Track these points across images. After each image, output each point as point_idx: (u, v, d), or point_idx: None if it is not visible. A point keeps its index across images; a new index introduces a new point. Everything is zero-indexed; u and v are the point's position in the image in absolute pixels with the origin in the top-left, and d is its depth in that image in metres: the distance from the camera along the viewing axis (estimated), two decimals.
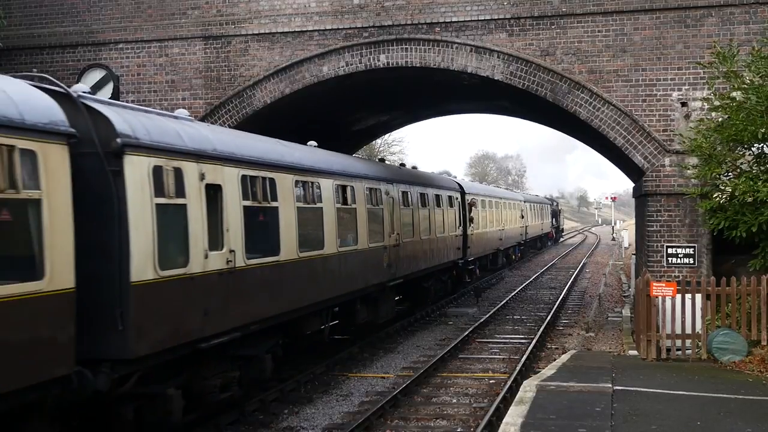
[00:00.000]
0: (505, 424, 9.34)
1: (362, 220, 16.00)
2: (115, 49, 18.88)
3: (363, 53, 17.81)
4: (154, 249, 8.90)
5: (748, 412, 9.92)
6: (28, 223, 7.29)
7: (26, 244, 7.34)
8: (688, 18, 16.18)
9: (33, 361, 7.33)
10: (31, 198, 7.26)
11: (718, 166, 15.09)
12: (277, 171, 12.26)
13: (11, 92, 7.41)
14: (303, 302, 13.07)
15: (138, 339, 8.59)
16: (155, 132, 9.44)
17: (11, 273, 6.99)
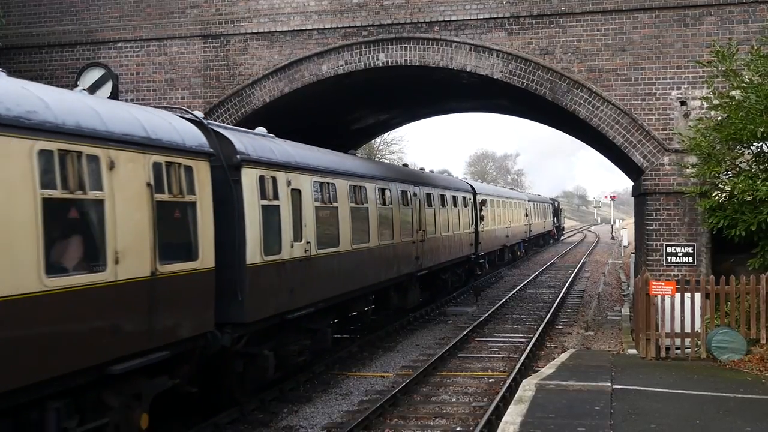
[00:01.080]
0: (504, 423, 9.34)
1: (396, 218, 18.67)
2: (114, 48, 18.88)
3: (362, 52, 17.81)
4: (261, 239, 11.50)
5: (747, 410, 9.93)
6: (188, 219, 9.84)
7: (188, 235, 9.86)
8: (687, 17, 16.18)
9: (194, 318, 9.84)
10: (191, 201, 9.85)
11: (717, 165, 15.09)
12: (336, 177, 14.92)
13: (175, 124, 10.00)
14: (354, 286, 15.65)
15: (250, 308, 11.10)
16: (259, 149, 12.06)
17: (180, 255, 9.63)
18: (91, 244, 8.12)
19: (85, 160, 7.93)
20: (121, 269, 8.38)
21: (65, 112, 7.91)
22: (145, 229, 8.84)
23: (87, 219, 8.11)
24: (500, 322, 21.94)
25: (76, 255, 7.98)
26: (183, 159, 9.67)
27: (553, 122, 24.63)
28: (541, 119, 25.57)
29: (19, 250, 7.00)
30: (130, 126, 8.87)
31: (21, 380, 7.02)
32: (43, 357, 7.34)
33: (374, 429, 11.51)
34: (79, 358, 7.80)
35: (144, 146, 8.97)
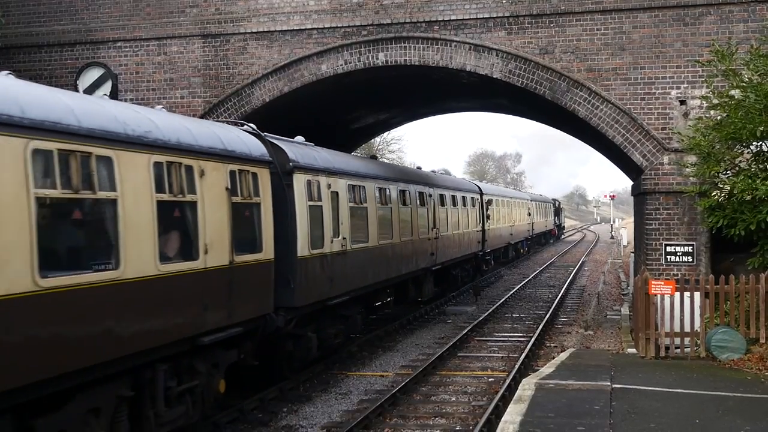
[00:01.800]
0: (504, 422, 9.35)
1: (415, 217, 20.49)
2: (114, 47, 18.88)
3: (362, 51, 17.81)
4: (308, 235, 13.23)
5: (747, 410, 9.94)
6: (254, 218, 11.54)
7: (254, 231, 11.53)
8: (686, 16, 16.19)
9: (259, 301, 11.56)
10: (256, 202, 11.56)
11: (716, 165, 15.09)
12: (366, 180, 16.68)
13: (242, 137, 11.74)
14: (380, 278, 17.39)
15: (299, 294, 12.87)
16: (305, 157, 13.78)
17: (249, 248, 11.26)
18: (188, 237, 9.85)
19: (183, 170, 9.67)
20: (209, 258, 10.10)
21: (170, 131, 9.58)
22: (225, 225, 10.55)
23: (185, 217, 9.85)
24: (500, 321, 21.94)
25: (178, 246, 9.68)
26: (250, 167, 11.48)
27: (553, 122, 24.63)
28: (541, 119, 25.58)
29: (144, 244, 8.74)
30: (212, 140, 10.59)
31: (140, 346, 8.70)
32: (154, 328, 8.96)
33: (374, 428, 11.51)
34: (179, 330, 9.49)
35: (223, 157, 10.70)
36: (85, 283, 7.81)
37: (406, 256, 19.55)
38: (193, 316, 9.74)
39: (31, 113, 7.30)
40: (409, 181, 20.75)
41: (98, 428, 8.20)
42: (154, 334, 8.95)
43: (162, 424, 9.31)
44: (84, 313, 7.80)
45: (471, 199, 29.08)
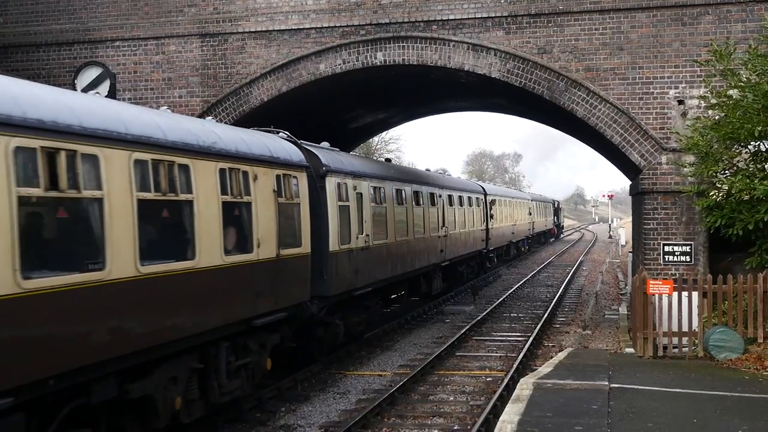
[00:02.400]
0: (501, 421, 9.35)
1: (427, 216, 22.02)
2: (112, 46, 18.86)
3: (360, 51, 17.80)
4: (338, 232, 14.67)
5: (745, 409, 9.94)
6: (295, 216, 12.88)
7: (295, 228, 12.84)
8: (685, 16, 16.19)
9: (298, 290, 12.88)
10: (297, 203, 12.92)
11: (714, 164, 15.11)
12: (385, 182, 18.23)
13: (284, 146, 13.15)
14: (396, 272, 18.89)
15: (331, 285, 14.31)
16: (335, 162, 15.19)
17: (291, 243, 12.58)
18: (245, 233, 11.16)
19: (241, 175, 11.07)
20: (261, 251, 11.47)
21: (230, 142, 11.01)
22: (273, 223, 11.91)
23: (243, 216, 11.19)
24: (498, 321, 21.94)
25: (237, 241, 10.91)
26: (292, 171, 12.88)
27: (552, 121, 24.63)
28: (540, 118, 25.58)
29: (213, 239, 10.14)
30: (262, 149, 12.02)
31: (208, 325, 10.04)
32: (219, 310, 10.36)
33: (372, 428, 11.51)
34: (238, 313, 10.85)
35: (271, 163, 12.07)
36: (171, 271, 9.28)
37: (419, 252, 21.14)
38: (248, 301, 11.20)
39: (133, 130, 8.78)
40: (422, 182, 22.33)
41: (176, 393, 9.60)
42: (219, 316, 10.37)
43: (223, 394, 10.74)
44: (171, 295, 9.29)
45: (476, 199, 30.70)
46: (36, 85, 8.34)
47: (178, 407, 9.63)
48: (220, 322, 10.38)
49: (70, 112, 7.87)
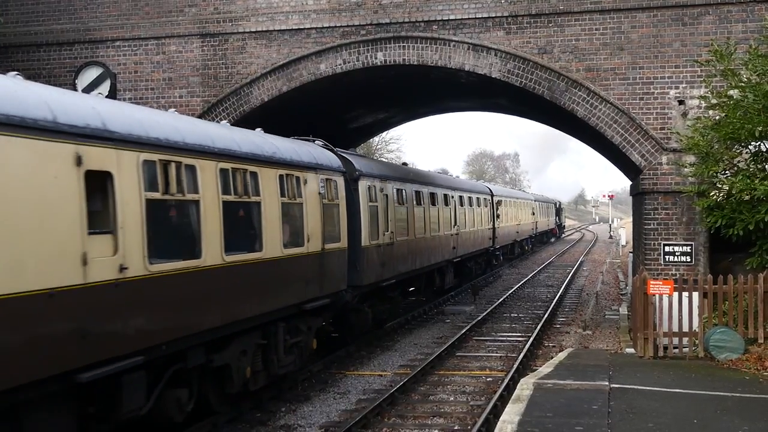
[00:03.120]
0: (502, 422, 9.35)
1: (442, 215, 24.04)
2: (112, 46, 18.86)
3: (360, 51, 17.80)
4: (368, 229, 16.48)
5: (745, 410, 9.94)
6: (335, 215, 14.59)
7: (335, 225, 14.56)
8: (685, 16, 16.19)
9: (337, 280, 14.58)
10: (336, 203, 14.66)
11: (715, 164, 15.10)
12: (406, 184, 20.18)
13: (325, 153, 14.84)
14: (416, 266, 20.75)
15: (363, 276, 16.09)
16: (366, 166, 17.23)
17: (333, 238, 14.30)
18: (297, 230, 12.86)
19: (295, 180, 12.83)
20: (310, 245, 13.25)
21: (286, 152, 12.85)
22: (318, 221, 13.64)
23: (296, 215, 12.89)
24: (498, 321, 21.94)
25: (291, 236, 12.59)
26: (332, 175, 14.57)
27: (552, 122, 24.63)
28: (540, 118, 25.58)
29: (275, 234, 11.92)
30: (309, 157, 13.76)
31: (271, 307, 11.82)
32: (279, 294, 12.16)
33: (372, 428, 11.50)
34: (292, 297, 12.60)
35: (316, 169, 13.82)
36: (246, 260, 11.08)
37: (435, 248, 22.99)
38: (300, 287, 12.98)
39: (218, 144, 10.56)
40: (437, 185, 24.25)
41: (246, 364, 11.40)
42: (278, 299, 12.08)
43: (281, 367, 12.56)
44: (245, 280, 11.00)
45: (484, 200, 32.76)
46: (152, 111, 10.54)
47: (248, 375, 11.49)
48: (279, 305, 12.15)
49: (176, 132, 9.69)
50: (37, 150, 7.33)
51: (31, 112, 7.30)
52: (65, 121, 7.71)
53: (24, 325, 7.06)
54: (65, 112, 7.80)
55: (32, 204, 7.25)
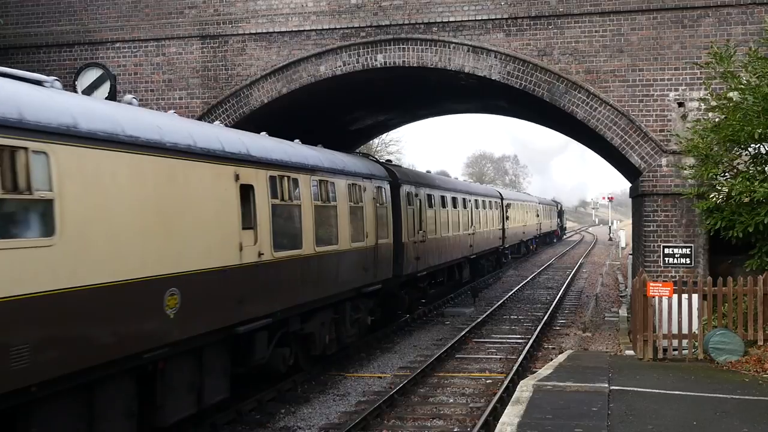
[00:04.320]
0: (501, 423, 9.34)
1: (461, 217, 27.49)
2: (112, 48, 18.86)
3: (360, 53, 17.80)
4: (408, 228, 19.59)
5: (745, 412, 9.93)
6: (384, 216, 17.66)
7: (385, 224, 17.70)
8: (685, 18, 16.20)
9: (385, 269, 17.70)
10: (386, 206, 17.83)
11: (714, 167, 15.10)
12: (434, 189, 23.56)
13: (377, 166, 18.45)
14: (442, 261, 24.13)
15: (403, 267, 19.14)
16: (405, 175, 20.82)
17: (382, 235, 17.30)
18: (359, 228, 15.87)
19: (357, 188, 15.94)
20: (368, 241, 16.39)
21: (351, 166, 16.04)
22: (373, 220, 16.76)
23: (358, 216, 15.91)
24: (498, 323, 21.94)
25: (355, 233, 15.59)
26: (381, 183, 17.85)
27: (552, 124, 24.63)
28: (540, 121, 25.57)
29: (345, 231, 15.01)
30: (365, 168, 17.16)
31: (341, 288, 14.91)
32: (347, 278, 15.23)
33: (372, 430, 11.50)
34: (355, 281, 15.72)
35: (371, 178, 17.04)
36: (328, 251, 14.08)
37: (456, 246, 26.35)
38: (361, 274, 16.02)
39: (311, 161, 13.79)
40: (457, 190, 27.67)
41: (325, 333, 14.53)
42: (347, 282, 15.19)
43: (348, 337, 15.79)
44: (327, 267, 14.08)
45: (495, 203, 36.34)
46: (272, 139, 13.31)
47: (327, 342, 14.55)
48: (347, 287, 15.26)
49: (285, 154, 12.92)
50: (214, 171, 10.47)
51: (212, 145, 10.53)
52: (229, 150, 10.93)
53: (209, 291, 10.12)
54: (229, 144, 11.04)
55: (214, 208, 10.34)
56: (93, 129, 8.21)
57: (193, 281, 9.64)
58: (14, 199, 7.11)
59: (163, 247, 9.15)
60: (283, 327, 12.57)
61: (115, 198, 8.45)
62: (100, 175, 8.27)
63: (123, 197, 8.57)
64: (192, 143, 9.99)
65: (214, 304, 10.16)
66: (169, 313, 9.19)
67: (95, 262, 8.05)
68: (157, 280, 9.01)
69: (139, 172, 8.90)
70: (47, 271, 7.40)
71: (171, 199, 9.42)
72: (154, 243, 9.01)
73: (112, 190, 8.42)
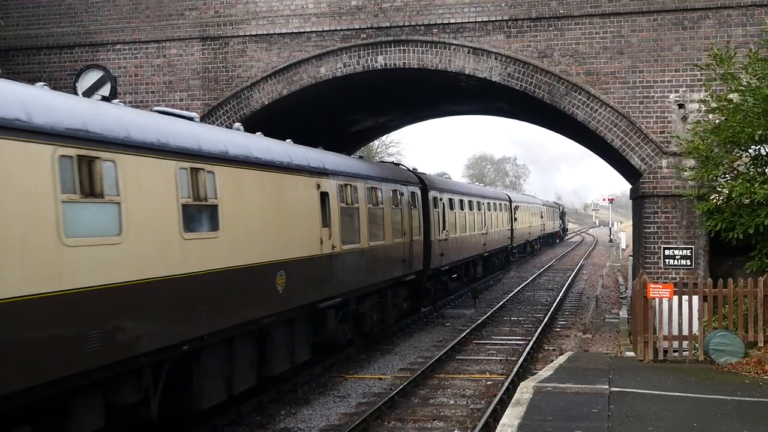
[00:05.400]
0: (502, 425, 9.35)
1: (477, 218, 30.81)
2: (113, 49, 18.87)
3: (361, 54, 17.81)
4: (434, 228, 22.47)
5: (745, 413, 9.94)
6: (417, 217, 20.51)
7: (418, 224, 20.46)
8: (685, 20, 16.20)
9: (417, 263, 20.54)
10: (418, 208, 20.72)
11: (715, 168, 15.10)
12: (456, 194, 26.87)
13: (410, 174, 21.62)
14: (460, 258, 27.16)
15: (431, 261, 22.07)
16: (432, 181, 23.89)
17: (416, 233, 20.27)
18: (398, 226, 18.67)
19: (397, 192, 18.78)
20: (405, 238, 19.20)
21: (391, 173, 19.22)
22: (408, 221, 19.55)
23: (398, 217, 18.74)
24: (498, 324, 21.94)
25: (396, 231, 18.29)
26: (414, 189, 20.67)
27: (552, 125, 24.63)
28: (540, 122, 25.57)
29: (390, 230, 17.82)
30: (402, 176, 20.23)
31: (385, 277, 17.66)
32: (390, 267, 18.05)
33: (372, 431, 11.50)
34: (396, 271, 18.59)
35: (406, 184, 20.00)
36: (377, 246, 16.95)
37: (472, 245, 29.56)
38: (399, 265, 18.84)
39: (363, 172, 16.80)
40: (472, 194, 30.85)
41: (373, 313, 17.32)
42: (390, 272, 18.04)
43: (390, 318, 18.81)
44: (376, 258, 16.88)
45: (504, 206, 39.52)
46: (336, 154, 16.01)
47: (374, 321, 17.44)
48: (390, 276, 18.10)
49: (348, 166, 15.88)
50: (304, 182, 13.31)
51: (302, 162, 13.35)
52: (313, 165, 13.75)
53: (302, 274, 12.91)
54: (313, 161, 13.85)
55: (304, 210, 13.18)
56: (236, 154, 11.07)
57: (293, 266, 12.52)
58: (197, 205, 9.96)
59: (275, 239, 11.99)
60: (344, 307, 15.26)
61: (249, 203, 11.26)
62: (242, 187, 11.12)
63: (253, 203, 11.40)
64: (290, 161, 12.84)
65: (305, 284, 13.06)
66: (279, 289, 12.03)
67: (239, 250, 10.85)
68: (273, 264, 11.85)
69: (261, 184, 11.75)
70: (217, 255, 10.26)
71: (279, 204, 12.22)
72: (271, 236, 11.86)
73: (247, 197, 11.24)
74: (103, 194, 8.21)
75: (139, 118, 9.52)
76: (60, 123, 7.74)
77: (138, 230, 8.68)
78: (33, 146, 7.34)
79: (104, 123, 8.47)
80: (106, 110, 8.92)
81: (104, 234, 8.22)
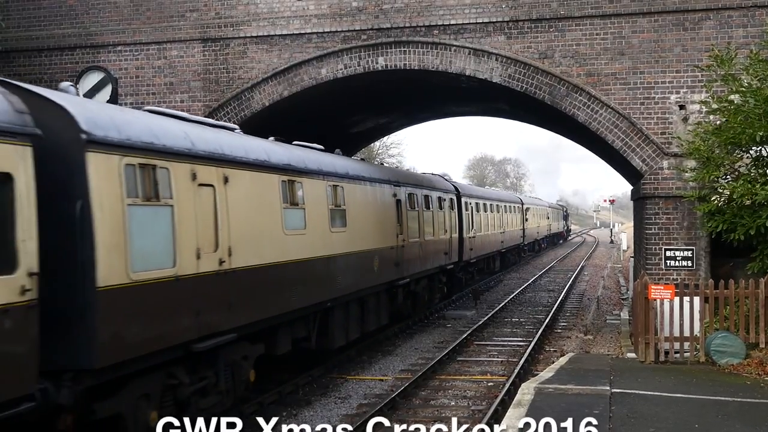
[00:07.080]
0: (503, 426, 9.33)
1: (497, 219, 35.50)
2: (114, 51, 18.88)
3: (361, 56, 17.82)
4: (466, 226, 27.63)
5: (746, 414, 9.93)
6: (452, 218, 25.42)
7: (452, 224, 25.12)
8: (686, 21, 16.20)
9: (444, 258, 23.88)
10: (454, 210, 25.82)
11: (716, 169, 15.10)
12: (479, 199, 31.28)
13: (447, 183, 26.66)
14: (483, 253, 31.91)
15: (463, 255, 26.84)
16: (463, 188, 29.80)
17: (452, 231, 25.28)
18: (437, 225, 22.40)
19: (440, 199, 23.24)
20: (446, 234, 23.47)
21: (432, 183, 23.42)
22: (449, 221, 23.63)
23: (439, 218, 22.62)
24: (499, 325, 21.93)
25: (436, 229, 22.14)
26: (451, 195, 25.15)
27: (553, 126, 24.64)
28: (541, 123, 25.58)
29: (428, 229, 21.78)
30: (441, 185, 24.52)
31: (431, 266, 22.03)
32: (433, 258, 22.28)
33: None
34: (438, 261, 22.74)
35: (446, 191, 24.37)
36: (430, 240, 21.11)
37: (493, 242, 34.30)
38: (442, 256, 23.06)
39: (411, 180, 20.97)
40: (492, 198, 35.55)
41: (425, 293, 21.50)
42: (436, 261, 22.38)
43: (436, 298, 23.36)
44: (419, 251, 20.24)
45: (517, 208, 44.32)
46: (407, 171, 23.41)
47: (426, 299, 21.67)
48: (436, 264, 22.41)
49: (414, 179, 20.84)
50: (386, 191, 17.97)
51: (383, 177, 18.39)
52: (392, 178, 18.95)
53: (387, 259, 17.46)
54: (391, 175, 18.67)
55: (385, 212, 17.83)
56: (354, 174, 16.12)
57: (383, 253, 17.14)
58: (335, 209, 14.50)
59: (374, 232, 16.62)
60: (408, 286, 19.46)
61: (360, 207, 16.02)
62: (357, 196, 15.84)
63: (364, 207, 16.29)
64: (380, 177, 17.95)
65: (388, 267, 17.57)
66: (375, 269, 16.57)
67: (357, 240, 15.49)
68: (373, 251, 16.55)
69: (365, 194, 16.51)
70: (346, 242, 14.90)
71: (375, 207, 16.90)
72: (372, 230, 16.48)
73: (360, 202, 16.03)
74: (297, 203, 13.07)
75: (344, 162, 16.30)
76: (280, 161, 12.71)
77: (311, 226, 13.44)
78: (271, 176, 12.32)
79: (300, 158, 13.65)
80: (296, 151, 13.85)
81: (298, 228, 12.97)
